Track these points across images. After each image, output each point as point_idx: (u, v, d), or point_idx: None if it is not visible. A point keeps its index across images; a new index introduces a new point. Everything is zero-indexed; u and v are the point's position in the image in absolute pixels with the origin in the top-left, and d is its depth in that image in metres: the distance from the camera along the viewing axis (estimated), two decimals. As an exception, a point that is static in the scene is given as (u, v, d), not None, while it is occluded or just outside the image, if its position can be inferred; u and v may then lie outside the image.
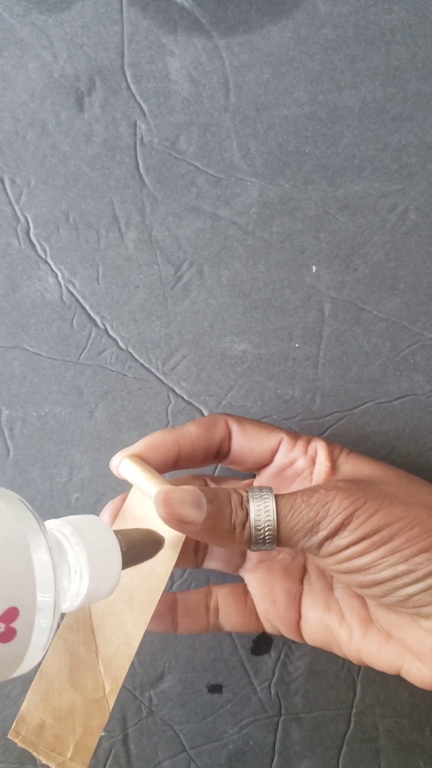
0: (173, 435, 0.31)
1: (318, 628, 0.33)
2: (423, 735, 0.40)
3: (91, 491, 0.39)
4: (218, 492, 0.28)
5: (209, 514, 0.27)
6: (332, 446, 0.32)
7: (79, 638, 0.30)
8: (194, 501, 0.28)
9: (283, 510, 0.28)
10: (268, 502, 0.28)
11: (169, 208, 0.38)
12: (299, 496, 0.28)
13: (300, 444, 0.32)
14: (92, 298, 0.39)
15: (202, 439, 0.32)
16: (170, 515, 0.27)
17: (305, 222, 0.38)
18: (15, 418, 0.38)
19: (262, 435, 0.32)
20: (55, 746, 0.29)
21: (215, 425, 0.32)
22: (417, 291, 0.39)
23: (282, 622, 0.34)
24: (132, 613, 0.29)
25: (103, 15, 0.38)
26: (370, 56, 0.38)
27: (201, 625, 0.34)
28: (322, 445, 0.32)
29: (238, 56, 0.38)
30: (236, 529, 0.28)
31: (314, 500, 0.28)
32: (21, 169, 0.38)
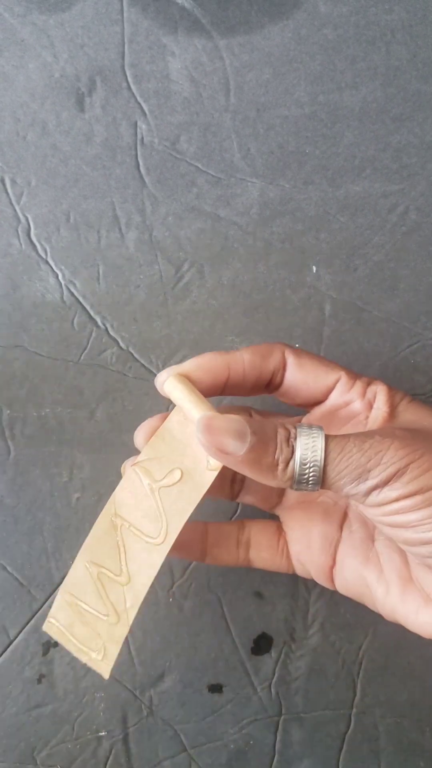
0: (225, 358, 0.30)
1: (353, 578, 0.32)
2: (423, 735, 0.40)
3: (91, 491, 0.39)
4: (264, 424, 0.27)
5: (252, 447, 0.26)
6: (393, 391, 0.30)
7: (105, 551, 0.30)
8: (238, 431, 0.26)
9: (333, 452, 0.26)
10: (316, 440, 0.26)
11: (169, 208, 0.38)
12: (352, 439, 0.26)
13: (359, 385, 0.31)
14: (93, 298, 0.39)
15: (255, 366, 0.30)
16: (211, 443, 0.26)
17: (306, 222, 0.39)
18: (16, 418, 0.39)
19: (319, 371, 0.31)
20: (85, 643, 0.30)
21: (270, 354, 0.30)
22: (417, 291, 0.39)
23: (315, 566, 0.33)
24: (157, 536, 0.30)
25: (104, 15, 0.38)
26: (371, 56, 0.38)
27: (231, 558, 0.33)
28: (383, 388, 0.30)
29: (239, 56, 0.38)
30: (279, 466, 0.26)
31: (367, 445, 0.26)
32: (22, 170, 0.38)
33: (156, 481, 0.30)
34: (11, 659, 0.38)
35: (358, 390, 0.30)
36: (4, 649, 0.38)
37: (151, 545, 0.29)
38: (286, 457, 0.26)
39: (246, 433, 0.26)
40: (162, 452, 0.30)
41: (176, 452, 0.30)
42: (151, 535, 0.30)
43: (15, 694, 0.39)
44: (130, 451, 0.39)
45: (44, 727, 0.39)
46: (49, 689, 0.38)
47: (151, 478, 0.30)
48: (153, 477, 0.30)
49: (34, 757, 0.38)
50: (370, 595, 0.31)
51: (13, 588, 0.38)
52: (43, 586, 0.38)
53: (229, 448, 0.26)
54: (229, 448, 0.26)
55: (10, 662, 0.38)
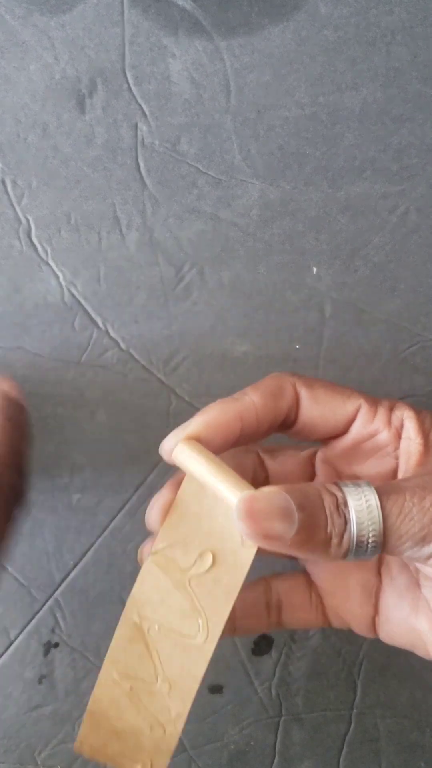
0: (235, 409, 0.26)
1: (401, 629, 0.29)
2: (424, 735, 0.40)
3: (92, 492, 0.39)
4: (308, 493, 0.23)
5: (301, 525, 0.23)
6: (422, 415, 0.27)
7: (134, 660, 0.26)
8: (283, 511, 0.23)
9: (391, 515, 0.23)
10: (370, 502, 0.23)
11: (170, 209, 0.38)
12: (408, 496, 0.23)
13: (382, 412, 0.27)
14: (94, 299, 0.39)
15: (268, 410, 0.27)
16: (255, 531, 0.23)
17: (306, 223, 0.39)
18: (16, 419, 0.39)
19: (336, 402, 0.27)
20: (126, 756, 0.26)
21: (282, 392, 0.27)
22: (417, 292, 0.39)
23: (355, 618, 0.30)
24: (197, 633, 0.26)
25: (105, 17, 0.38)
26: (371, 58, 0.38)
27: (262, 625, 0.30)
28: (410, 415, 0.27)
29: (239, 58, 0.38)
30: (333, 540, 0.23)
31: (428, 502, 0.23)
32: (22, 171, 0.38)
33: (184, 571, 0.25)
34: (12, 660, 0.38)
35: (383, 418, 0.27)
36: (4, 650, 0.38)
37: (191, 645, 0.25)
38: (340, 530, 0.23)
39: (292, 511, 0.23)
40: (183, 533, 0.26)
41: (200, 530, 0.25)
42: (189, 634, 0.26)
43: (16, 695, 0.39)
44: (131, 451, 0.39)
45: (45, 727, 0.39)
46: (49, 690, 0.38)
47: (177, 568, 0.26)
48: (179, 566, 0.26)
49: (35, 757, 0.38)
50: (424, 645, 0.28)
51: (14, 588, 0.38)
52: (43, 586, 0.39)
53: (276, 532, 0.23)
54: (277, 533, 0.23)
55: (10, 663, 0.38)
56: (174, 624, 0.25)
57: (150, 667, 0.26)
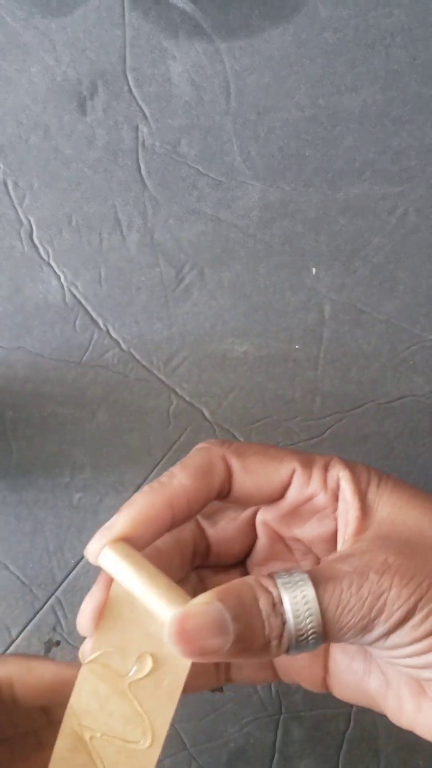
0: (164, 497, 0.24)
1: (354, 690, 0.28)
2: (422, 734, 0.40)
3: (92, 491, 0.39)
4: (243, 598, 0.22)
5: (237, 636, 0.21)
6: (357, 473, 0.26)
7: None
8: (218, 625, 0.21)
9: (330, 608, 0.22)
10: (307, 595, 0.22)
11: (170, 210, 0.39)
12: (345, 585, 0.22)
13: (317, 473, 0.26)
14: (95, 300, 0.39)
15: (199, 491, 0.25)
16: (190, 651, 0.21)
17: (305, 224, 0.39)
18: (18, 419, 0.39)
19: (269, 469, 0.26)
20: None
21: (212, 469, 0.26)
22: (416, 293, 0.39)
23: (304, 679, 0.29)
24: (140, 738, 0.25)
25: (105, 19, 0.38)
26: (371, 60, 0.38)
27: (210, 683, 0.29)
28: (346, 474, 0.26)
29: (239, 60, 0.38)
30: (272, 643, 0.22)
31: (365, 591, 0.22)
32: (24, 172, 0.38)
33: (122, 677, 0.24)
34: (13, 658, 0.39)
35: (318, 480, 0.26)
36: (6, 648, 0.39)
37: (135, 750, 0.24)
38: (278, 632, 0.22)
39: (227, 623, 0.21)
40: (118, 638, 0.24)
41: (136, 633, 0.24)
42: (132, 739, 0.25)
43: (17, 693, 0.39)
44: (131, 451, 0.39)
45: (46, 725, 0.39)
46: (51, 688, 0.39)
47: (115, 674, 0.24)
48: (117, 672, 0.24)
49: (36, 754, 0.39)
50: (379, 706, 0.28)
51: (15, 587, 0.39)
52: (45, 585, 0.39)
53: (211, 648, 0.21)
54: (212, 648, 0.21)
55: (12, 661, 0.39)
56: (117, 731, 0.25)
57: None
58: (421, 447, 0.39)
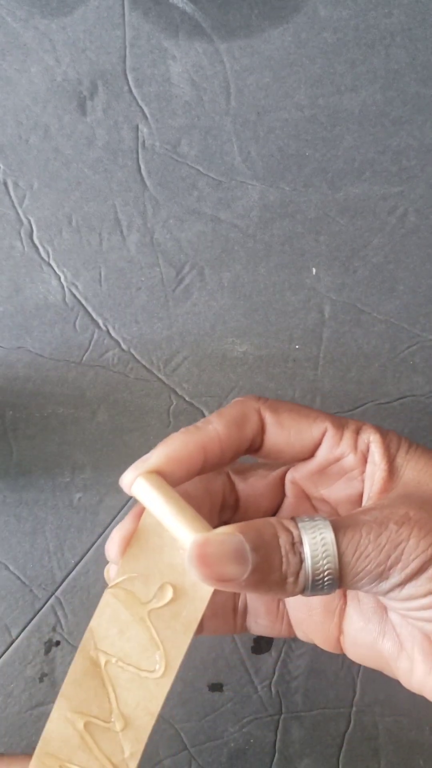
0: (198, 440, 0.26)
1: (367, 652, 0.28)
2: (423, 733, 0.40)
3: (93, 491, 0.39)
4: (263, 532, 0.23)
5: (255, 566, 0.22)
6: (388, 439, 0.27)
7: (89, 696, 0.26)
8: (236, 554, 0.22)
9: (347, 552, 0.23)
10: (326, 538, 0.23)
11: (170, 211, 0.39)
12: (364, 532, 0.23)
13: (348, 435, 0.27)
14: (95, 300, 0.39)
15: (232, 439, 0.26)
16: (208, 576, 0.22)
17: (305, 224, 0.39)
18: (18, 419, 0.39)
19: (302, 426, 0.27)
20: None
21: (246, 420, 0.26)
22: (416, 293, 0.39)
23: (318, 636, 0.29)
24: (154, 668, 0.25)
25: (106, 19, 0.38)
26: (370, 60, 0.38)
27: (227, 628, 0.30)
28: (376, 438, 0.26)
29: (239, 60, 0.38)
30: (288, 579, 0.23)
31: (384, 539, 0.23)
32: (24, 173, 0.38)
33: (143, 604, 0.25)
34: (13, 658, 0.39)
35: (349, 442, 0.27)
36: (6, 648, 0.39)
37: (148, 680, 0.25)
38: (294, 570, 0.23)
39: (246, 553, 0.22)
40: (143, 566, 0.25)
41: (160, 563, 0.25)
42: (146, 668, 0.25)
43: (17, 693, 0.39)
44: (132, 451, 0.39)
45: (46, 725, 0.39)
46: (50, 688, 0.39)
47: (136, 601, 0.25)
48: (138, 599, 0.25)
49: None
50: (391, 669, 0.28)
51: (15, 587, 0.39)
52: (45, 585, 0.39)
53: (229, 575, 0.22)
54: (230, 575, 0.22)
55: (12, 661, 0.39)
56: (132, 658, 0.25)
57: (105, 703, 0.25)
58: (421, 447, 0.39)
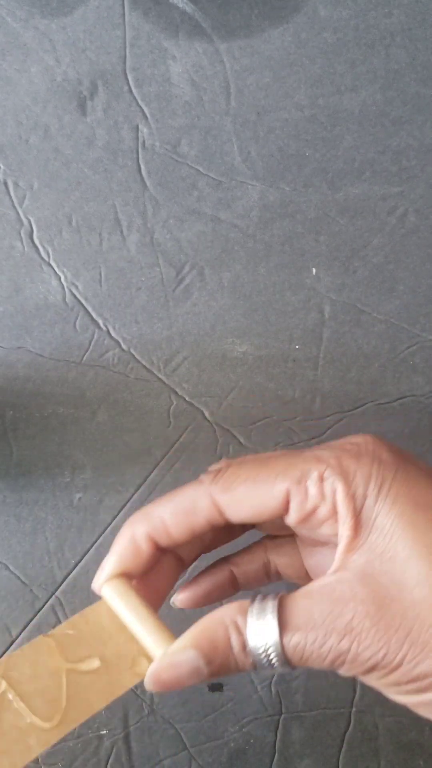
0: (144, 532, 0.26)
1: None
2: (422, 734, 0.40)
3: (93, 491, 0.39)
4: (216, 642, 0.24)
5: (212, 674, 0.24)
6: (355, 485, 0.25)
7: None
8: (191, 673, 0.24)
9: (293, 657, 0.24)
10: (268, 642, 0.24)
11: (170, 211, 0.39)
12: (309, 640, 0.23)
13: (312, 489, 0.25)
14: (95, 300, 0.39)
15: (179, 526, 0.26)
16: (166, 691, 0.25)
17: (305, 225, 0.39)
18: (18, 419, 0.39)
19: (261, 496, 0.26)
20: None
21: (194, 509, 0.26)
22: (416, 293, 0.39)
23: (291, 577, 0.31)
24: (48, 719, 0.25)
25: (106, 19, 0.38)
26: (370, 60, 0.38)
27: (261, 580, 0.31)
28: (340, 487, 0.25)
29: (239, 60, 0.38)
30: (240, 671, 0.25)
31: (326, 649, 0.23)
32: (24, 173, 0.38)
33: (68, 662, 0.26)
34: (13, 658, 0.39)
35: (315, 494, 0.25)
36: (6, 648, 0.39)
37: (34, 727, 0.24)
38: (246, 665, 0.24)
39: (201, 669, 0.24)
40: (83, 632, 0.26)
41: (99, 638, 0.26)
42: (38, 714, 0.25)
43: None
44: (132, 451, 0.39)
45: (46, 725, 0.39)
46: (51, 688, 0.39)
47: (63, 656, 0.26)
48: (65, 655, 0.26)
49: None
50: None
51: (16, 587, 0.39)
52: (45, 585, 0.39)
53: (187, 684, 0.24)
54: (187, 684, 0.24)
55: (12, 661, 0.39)
56: (30, 700, 0.25)
57: None
58: (421, 447, 0.39)
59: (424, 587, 0.23)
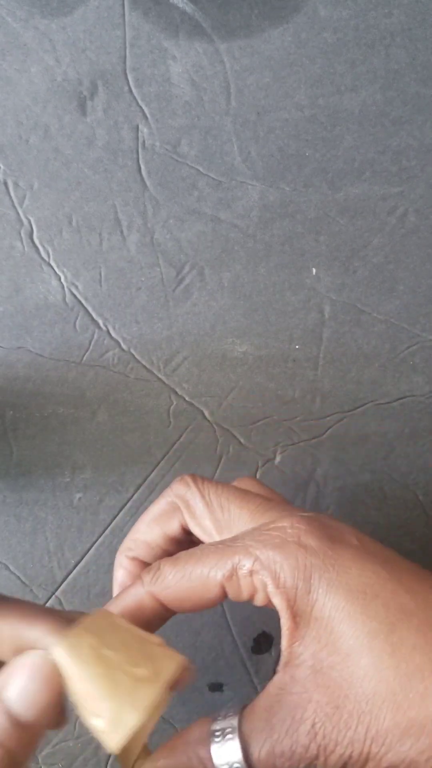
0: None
1: None
2: (422, 733, 0.40)
3: (93, 491, 0.39)
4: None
5: None
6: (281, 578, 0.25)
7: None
8: None
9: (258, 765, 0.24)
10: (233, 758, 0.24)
11: (170, 211, 0.39)
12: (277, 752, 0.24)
13: (244, 583, 0.25)
14: (95, 300, 0.39)
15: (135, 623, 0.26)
16: None
17: (305, 225, 0.39)
18: (18, 419, 0.39)
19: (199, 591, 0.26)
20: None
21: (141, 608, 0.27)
22: (416, 293, 0.39)
23: None
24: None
25: (106, 19, 0.38)
26: (370, 60, 0.38)
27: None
28: (270, 582, 0.25)
29: (239, 60, 0.38)
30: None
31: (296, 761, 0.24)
32: (24, 173, 0.38)
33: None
34: (14, 658, 0.39)
35: (247, 588, 0.26)
36: (6, 648, 0.39)
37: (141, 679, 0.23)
38: None
39: None
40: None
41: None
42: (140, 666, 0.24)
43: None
44: (132, 451, 0.39)
45: (46, 725, 0.39)
46: (51, 687, 0.39)
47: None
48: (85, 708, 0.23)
49: (36, 755, 0.39)
50: None
51: (16, 587, 0.39)
52: (45, 585, 0.39)
53: None
54: None
55: (12, 661, 0.39)
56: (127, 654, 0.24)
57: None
58: (421, 447, 0.39)
59: (372, 680, 0.23)
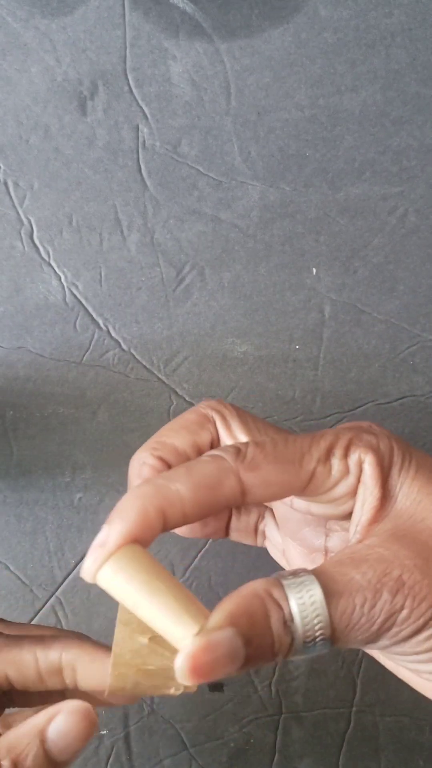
0: (158, 506, 0.23)
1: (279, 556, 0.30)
2: (423, 733, 0.40)
3: (93, 491, 0.39)
4: (254, 617, 0.21)
5: (248, 659, 0.21)
6: (380, 455, 0.24)
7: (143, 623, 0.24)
8: (230, 655, 0.20)
9: (340, 626, 0.21)
10: (318, 610, 0.21)
11: (171, 211, 0.39)
12: (358, 602, 0.22)
13: (338, 463, 0.24)
14: (95, 300, 0.39)
15: (200, 505, 0.23)
16: (200, 681, 0.21)
17: (306, 225, 0.39)
18: (19, 419, 0.39)
19: (287, 477, 0.24)
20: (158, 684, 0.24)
21: (220, 487, 0.23)
22: (416, 293, 0.39)
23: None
24: None
25: (106, 19, 0.38)
26: (371, 60, 0.38)
27: (250, 540, 0.30)
28: (368, 458, 0.24)
29: (240, 60, 0.38)
30: (278, 657, 0.22)
31: (377, 611, 0.22)
32: (24, 173, 0.38)
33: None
34: (14, 658, 0.39)
35: (339, 468, 0.24)
36: (6, 648, 0.39)
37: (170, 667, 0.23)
38: (286, 649, 0.21)
39: (239, 652, 0.20)
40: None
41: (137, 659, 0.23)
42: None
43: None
44: (132, 451, 0.39)
45: (46, 725, 0.39)
46: (51, 687, 0.39)
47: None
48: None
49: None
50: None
51: (16, 587, 0.39)
52: (45, 585, 0.39)
53: (223, 674, 0.21)
54: (224, 674, 0.21)
55: (12, 661, 0.39)
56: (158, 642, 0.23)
57: None
58: (421, 447, 0.39)
59: None
